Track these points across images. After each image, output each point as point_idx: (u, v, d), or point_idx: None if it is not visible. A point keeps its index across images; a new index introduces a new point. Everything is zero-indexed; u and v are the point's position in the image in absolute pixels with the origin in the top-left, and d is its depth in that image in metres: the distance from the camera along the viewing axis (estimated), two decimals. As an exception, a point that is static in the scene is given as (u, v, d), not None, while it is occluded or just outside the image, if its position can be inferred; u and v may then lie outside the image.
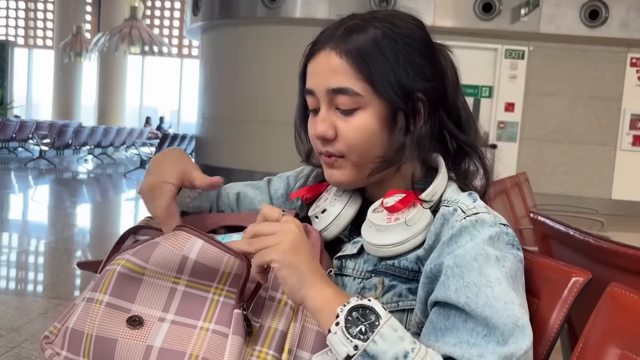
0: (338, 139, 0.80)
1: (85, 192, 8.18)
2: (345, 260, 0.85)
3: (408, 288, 0.77)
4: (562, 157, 8.14)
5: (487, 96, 8.22)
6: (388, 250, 0.77)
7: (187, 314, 0.70)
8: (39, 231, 5.23)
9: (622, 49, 7.96)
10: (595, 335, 0.63)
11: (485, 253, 0.70)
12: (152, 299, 0.71)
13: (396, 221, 0.77)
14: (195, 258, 0.71)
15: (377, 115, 0.79)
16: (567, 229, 1.20)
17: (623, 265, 1.05)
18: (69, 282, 3.57)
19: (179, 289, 0.71)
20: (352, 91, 0.78)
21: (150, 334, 0.68)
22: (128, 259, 0.72)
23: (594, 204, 5.69)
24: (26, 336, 2.54)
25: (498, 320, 0.65)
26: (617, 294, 0.63)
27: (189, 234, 0.72)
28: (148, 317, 0.69)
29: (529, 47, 8.09)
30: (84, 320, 0.70)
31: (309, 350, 0.73)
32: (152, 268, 0.71)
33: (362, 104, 0.78)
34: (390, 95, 0.78)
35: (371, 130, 0.79)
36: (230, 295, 0.70)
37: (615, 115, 8.10)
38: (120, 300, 0.70)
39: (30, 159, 11.06)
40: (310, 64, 0.82)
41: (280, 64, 8.29)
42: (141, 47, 12.39)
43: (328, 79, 0.79)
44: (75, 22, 15.17)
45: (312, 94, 0.82)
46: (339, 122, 0.80)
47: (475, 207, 0.75)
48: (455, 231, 0.72)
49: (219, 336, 0.68)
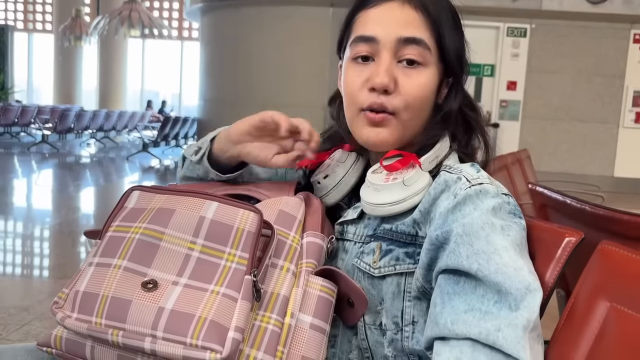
0: (397, 92, 0.79)
1: (88, 176, 8.21)
2: (346, 226, 0.87)
3: (405, 252, 0.78)
4: (564, 135, 8.12)
5: (489, 75, 8.18)
6: (385, 209, 0.78)
7: (200, 278, 0.72)
8: (43, 214, 5.27)
9: (626, 25, 7.90)
10: (586, 289, 0.66)
11: (491, 222, 0.70)
12: (167, 264, 0.73)
13: (394, 181, 0.78)
14: (212, 217, 0.74)
15: (434, 77, 0.81)
16: (564, 197, 1.22)
17: (618, 231, 1.07)
18: (74, 262, 3.61)
19: (193, 255, 0.73)
20: (425, 44, 0.79)
21: (163, 297, 0.70)
22: (146, 226, 0.74)
23: (596, 181, 5.69)
24: (35, 314, 2.59)
25: (510, 286, 0.65)
26: (607, 250, 0.65)
27: (203, 199, 0.75)
28: (162, 280, 0.71)
29: (531, 25, 8.03)
30: (99, 283, 0.72)
31: (311, 314, 0.75)
32: (170, 232, 0.74)
33: (427, 60, 0.80)
34: (452, 60, 0.81)
35: (428, 90, 0.81)
36: (242, 261, 0.72)
37: (618, 93, 8.06)
38: (137, 265, 0.72)
39: (33, 143, 11.08)
40: (372, 11, 0.81)
41: (281, 44, 8.26)
42: (141, 30, 12.31)
43: (400, 28, 0.79)
44: (74, 6, 15.05)
45: (371, 41, 0.80)
46: (401, 75, 0.79)
47: (480, 177, 0.75)
48: (460, 199, 0.72)
49: (229, 300, 0.69)
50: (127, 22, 12.10)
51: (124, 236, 0.76)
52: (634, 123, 8.10)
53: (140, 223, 0.76)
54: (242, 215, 0.74)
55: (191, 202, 0.76)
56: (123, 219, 0.79)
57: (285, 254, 0.77)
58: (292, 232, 0.80)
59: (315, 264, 0.79)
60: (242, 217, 0.73)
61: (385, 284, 0.79)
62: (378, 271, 0.79)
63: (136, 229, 0.76)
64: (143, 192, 0.81)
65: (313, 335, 0.74)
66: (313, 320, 0.75)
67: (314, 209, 0.85)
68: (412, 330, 0.78)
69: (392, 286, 0.78)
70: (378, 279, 0.79)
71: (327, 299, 0.77)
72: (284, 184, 0.92)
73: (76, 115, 11.65)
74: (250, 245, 0.72)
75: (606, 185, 7.12)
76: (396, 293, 0.78)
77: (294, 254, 0.78)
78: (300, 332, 0.74)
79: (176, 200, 0.77)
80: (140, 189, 0.82)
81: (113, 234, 0.77)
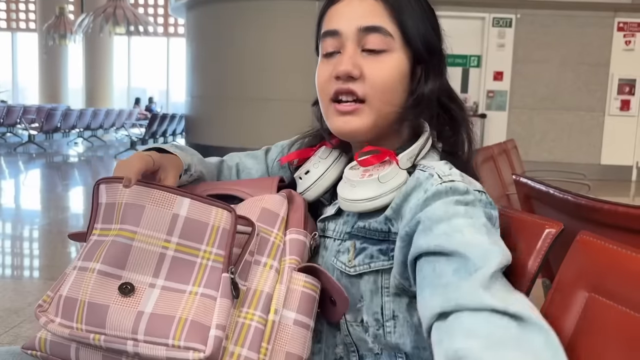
0: (363, 79, 0.80)
1: (76, 175, 8.16)
2: (327, 223, 0.87)
3: (379, 249, 0.78)
4: (551, 124, 8.18)
5: (476, 66, 8.21)
6: (360, 205, 0.78)
7: (177, 279, 0.72)
8: (32, 215, 5.23)
9: (609, 13, 7.95)
10: (565, 279, 0.67)
11: (454, 209, 0.70)
12: (142, 264, 0.72)
13: (370, 177, 0.78)
14: (186, 215, 0.73)
15: (402, 62, 0.81)
16: (547, 188, 1.23)
17: (600, 220, 1.08)
18: (64, 263, 3.59)
19: (168, 253, 0.73)
20: (385, 30, 0.80)
21: (141, 301, 0.70)
22: (120, 227, 0.74)
23: (583, 169, 5.74)
24: (25, 316, 2.57)
25: (471, 254, 0.65)
26: (585, 240, 0.66)
27: (175, 194, 0.74)
28: (139, 283, 0.71)
29: (517, 15, 8.06)
30: (77, 288, 0.72)
31: (294, 310, 0.76)
32: (143, 232, 0.73)
33: (391, 47, 0.80)
34: (418, 45, 0.82)
35: (396, 75, 0.81)
36: (218, 259, 0.72)
37: (603, 81, 8.13)
38: (111, 268, 0.72)
39: (20, 143, 10.98)
40: (336, 7, 0.83)
41: (267, 39, 8.24)
42: (126, 27, 12.21)
43: (360, 19, 0.80)
44: (58, 4, 14.89)
45: (335, 35, 0.82)
46: (365, 63, 0.80)
47: (451, 175, 0.75)
48: (429, 195, 0.73)
49: (208, 299, 0.70)
50: (112, 19, 11.99)
51: (103, 239, 0.75)
52: (620, 111, 8.17)
53: (115, 224, 0.75)
54: (217, 213, 0.74)
55: (160, 198, 0.74)
56: (103, 220, 0.78)
57: (269, 251, 0.78)
58: (275, 229, 0.80)
59: (298, 260, 0.79)
60: (217, 214, 0.73)
61: (363, 282, 0.79)
62: (354, 269, 0.79)
63: (113, 231, 0.75)
64: (107, 184, 0.79)
65: (297, 331, 0.75)
66: (297, 316, 0.75)
67: (297, 206, 0.85)
68: (393, 325, 0.78)
69: (369, 284, 0.79)
70: (355, 277, 0.79)
71: (311, 294, 0.77)
72: (265, 181, 0.92)
73: (63, 114, 11.55)
74: (226, 243, 0.72)
75: (593, 173, 7.18)
76: (374, 290, 0.79)
77: (277, 250, 0.78)
78: (284, 329, 0.74)
79: (142, 194, 0.75)
80: (104, 182, 0.79)
81: (98, 238, 0.76)
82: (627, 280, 0.60)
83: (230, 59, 8.53)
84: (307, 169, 0.90)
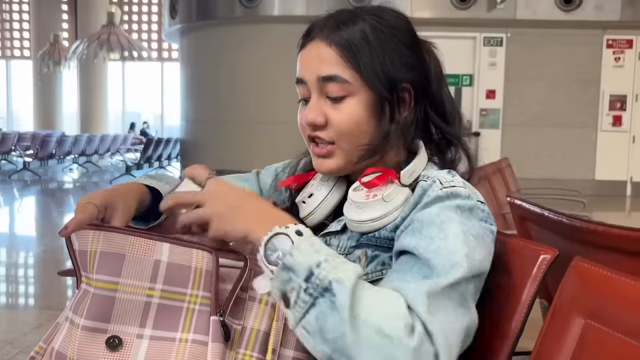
0: (328, 126, 0.84)
1: (72, 202, 8.13)
2: (330, 238, 0.88)
3: (390, 256, 0.80)
4: (544, 141, 8.23)
5: (468, 84, 8.29)
6: (367, 225, 0.81)
7: (165, 327, 0.70)
8: (27, 243, 5.20)
9: (598, 31, 8.06)
10: (561, 305, 0.67)
11: (449, 215, 0.73)
12: (127, 315, 0.70)
13: (374, 197, 0.80)
14: (167, 260, 0.71)
15: (364, 103, 0.83)
16: (542, 210, 1.24)
17: (595, 242, 1.09)
18: (60, 291, 3.57)
19: (153, 302, 0.70)
20: (341, 78, 0.82)
21: (130, 354, 0.68)
22: (97, 278, 0.70)
23: (578, 185, 5.77)
24: (20, 348, 2.55)
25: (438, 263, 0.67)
26: (579, 267, 0.67)
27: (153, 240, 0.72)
28: (126, 335, 0.69)
29: (507, 34, 8.16)
30: (67, 343, 0.70)
31: (292, 348, 0.73)
32: (125, 282, 0.70)
33: (350, 91, 0.83)
34: (377, 84, 0.82)
35: (359, 117, 0.83)
36: (205, 301, 0.71)
37: (594, 97, 8.20)
38: (95, 322, 0.69)
39: (14, 171, 10.95)
40: (302, 53, 0.87)
41: (261, 62, 8.30)
42: (121, 53, 12.30)
43: (318, 68, 0.83)
44: (52, 31, 15.02)
45: (302, 83, 0.86)
46: (329, 110, 0.84)
47: (453, 181, 0.78)
48: (429, 200, 0.76)
49: (199, 345, 0.68)
50: (106, 45, 12.09)
51: (89, 290, 0.72)
52: (612, 126, 8.24)
53: (91, 273, 0.71)
54: (197, 254, 0.72)
55: (140, 245, 0.71)
56: (82, 268, 0.73)
57: None
58: None
59: None
60: (198, 256, 0.72)
61: None
62: (366, 277, 0.80)
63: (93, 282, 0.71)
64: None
65: None
66: (295, 353, 0.73)
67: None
68: None
69: None
70: None
71: None
72: None
73: (58, 140, 11.55)
74: (212, 284, 0.71)
75: (588, 188, 7.21)
76: None
77: None
78: None
79: (117, 241, 0.71)
80: None
81: (86, 287, 0.72)
82: (621, 307, 0.60)
83: (224, 83, 8.58)
84: (309, 193, 0.91)
